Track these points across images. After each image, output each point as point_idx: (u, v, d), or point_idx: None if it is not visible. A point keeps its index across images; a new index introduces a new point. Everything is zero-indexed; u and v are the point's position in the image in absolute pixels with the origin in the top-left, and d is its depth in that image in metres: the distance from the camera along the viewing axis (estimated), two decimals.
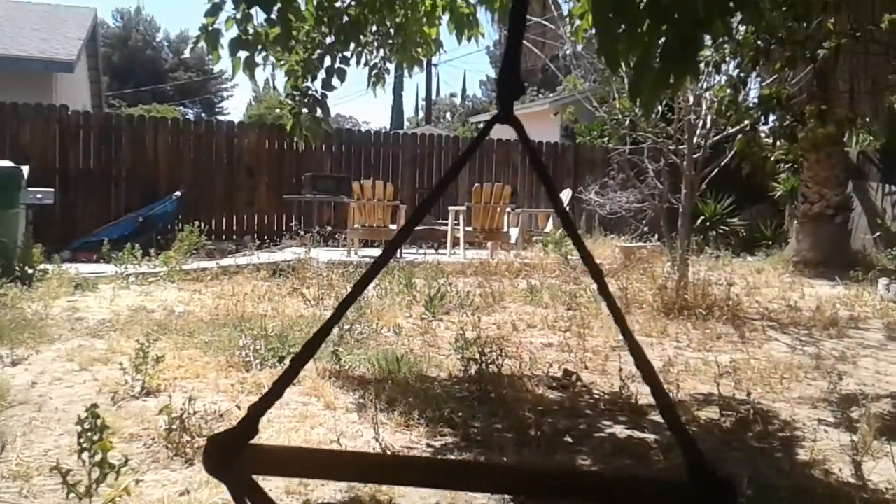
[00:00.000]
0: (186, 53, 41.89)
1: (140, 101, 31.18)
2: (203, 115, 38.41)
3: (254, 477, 0.73)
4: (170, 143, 12.32)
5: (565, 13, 8.35)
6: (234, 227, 12.66)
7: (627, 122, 9.26)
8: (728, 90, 6.63)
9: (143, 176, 11.99)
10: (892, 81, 9.78)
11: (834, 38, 4.74)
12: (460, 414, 3.83)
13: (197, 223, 10.08)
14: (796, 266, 11.16)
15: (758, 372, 5.01)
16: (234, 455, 0.71)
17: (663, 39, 2.30)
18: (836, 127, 9.64)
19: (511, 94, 0.77)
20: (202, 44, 4.02)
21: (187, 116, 30.08)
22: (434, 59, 33.70)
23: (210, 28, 3.99)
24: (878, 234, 12.75)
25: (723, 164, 8.30)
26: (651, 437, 3.76)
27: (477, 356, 4.54)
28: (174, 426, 3.25)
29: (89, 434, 2.19)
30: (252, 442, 0.73)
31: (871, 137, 13.30)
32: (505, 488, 0.79)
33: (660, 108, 9.04)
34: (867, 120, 12.52)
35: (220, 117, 35.81)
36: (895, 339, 6.44)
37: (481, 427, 3.72)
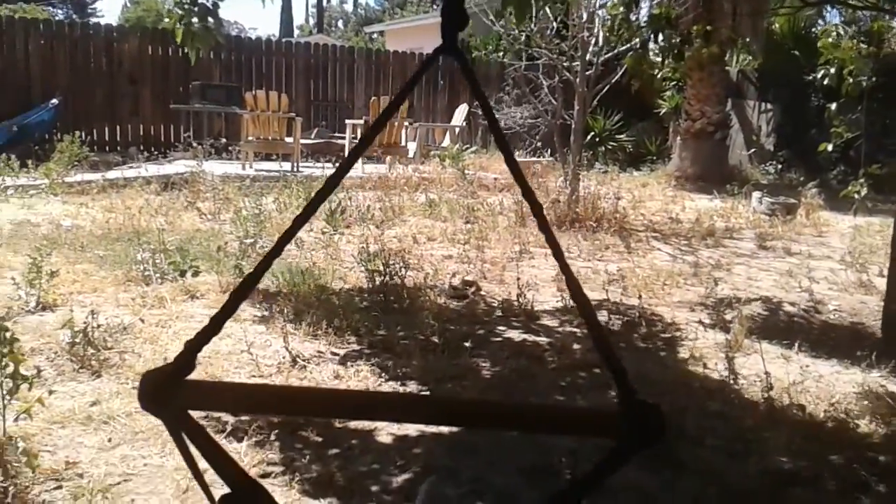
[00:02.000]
0: None
1: (5, 1, 28.54)
2: (74, 16, 35.56)
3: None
4: (43, 46, 11.43)
5: None
6: (119, 138, 12.05)
7: (523, 38, 9.32)
8: (621, 8, 6.77)
9: (14, 82, 11.13)
10: (770, 4, 10.22)
11: None
12: (366, 323, 3.94)
13: (77, 133, 9.54)
14: (678, 180, 11.75)
15: (642, 279, 5.36)
16: (171, 391, 0.70)
17: None
18: (720, 47, 10.04)
19: (455, 24, 0.76)
20: None
21: (57, 18, 27.83)
22: None
23: None
24: (753, 150, 13.54)
25: (613, 81, 8.53)
26: (545, 339, 4.01)
27: (381, 268, 4.65)
28: (77, 339, 3.21)
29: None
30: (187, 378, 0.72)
31: (750, 57, 13.94)
32: (442, 419, 0.81)
33: (554, 24, 9.14)
34: (747, 40, 13.10)
35: (94, 19, 33.26)
36: (765, 248, 6.99)
37: (386, 335, 3.86)
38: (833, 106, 5.68)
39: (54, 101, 10.65)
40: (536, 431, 0.73)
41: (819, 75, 5.48)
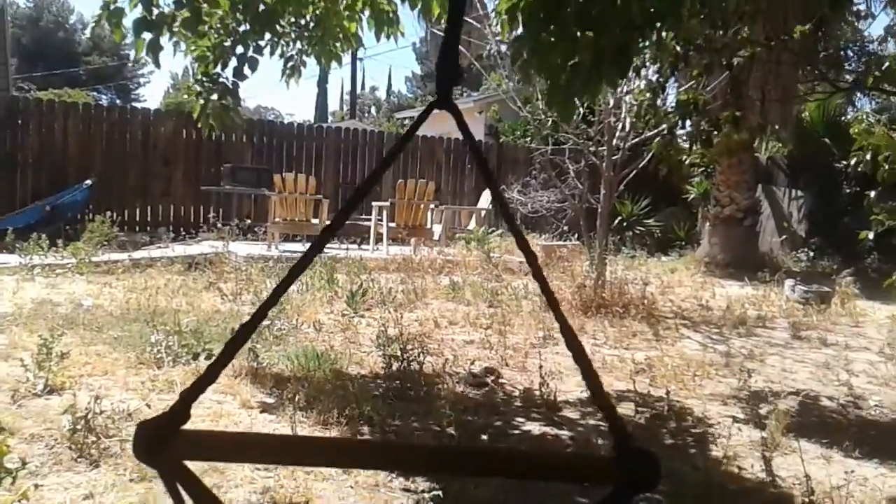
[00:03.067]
0: (86, 33, 40.07)
1: (51, 86, 29.72)
2: (118, 101, 37.00)
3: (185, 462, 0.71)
4: (81, 129, 11.78)
5: (490, 10, 8.40)
6: (149, 219, 12.22)
7: (550, 123, 9.38)
8: (647, 94, 6.79)
9: (51, 163, 11.43)
10: (799, 91, 10.23)
11: (749, 46, 4.89)
12: (380, 412, 3.78)
13: (109, 213, 9.67)
14: (707, 266, 11.55)
15: (671, 369, 5.15)
16: (165, 441, 0.69)
17: (592, 45, 2.35)
18: (749, 133, 10.00)
19: (449, 80, 0.77)
20: (104, 22, 3.84)
21: (100, 102, 28.91)
22: (359, 53, 33.41)
23: (112, 6, 3.81)
24: (784, 237, 13.33)
25: (640, 166, 8.50)
26: (566, 433, 3.81)
27: (398, 353, 4.51)
28: (79, 426, 3.09)
29: None
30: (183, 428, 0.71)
31: (780, 144, 13.90)
32: (435, 467, 0.78)
33: (581, 110, 9.20)
34: (776, 127, 13.10)
35: (136, 104, 34.50)
36: (800, 338, 6.73)
37: (400, 425, 3.68)
38: (872, 193, 5.53)
39: (88, 181, 10.88)
40: (531, 478, 0.72)
41: (853, 162, 5.35)
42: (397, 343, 4.70)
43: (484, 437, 3.55)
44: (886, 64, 5.21)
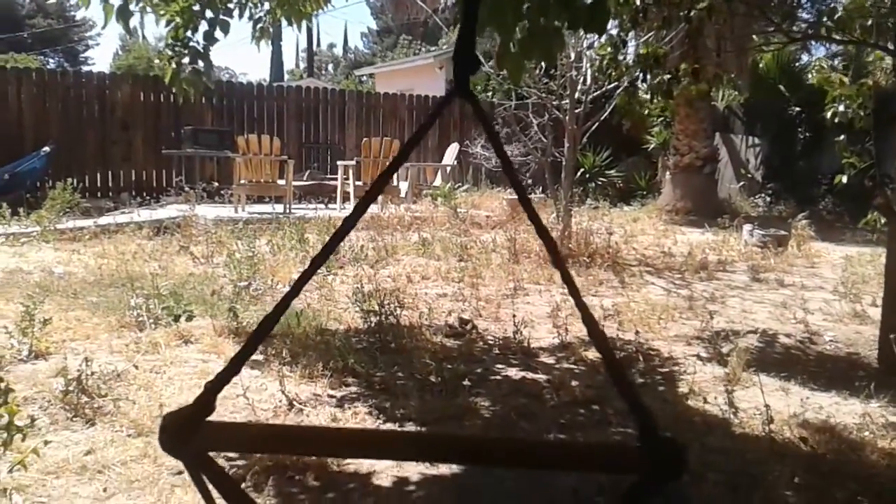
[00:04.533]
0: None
1: None
2: (66, 65, 35.89)
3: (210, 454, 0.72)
4: (35, 94, 11.50)
5: None
6: (111, 184, 12.06)
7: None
8: (609, 49, 6.88)
9: (6, 131, 11.16)
10: (754, 40, 10.41)
11: None
12: (362, 364, 3.92)
13: (69, 180, 9.54)
14: (668, 214, 11.83)
15: (637, 314, 5.36)
16: (191, 432, 0.69)
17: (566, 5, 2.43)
18: (707, 83, 10.18)
19: (467, 69, 0.78)
20: None
21: (49, 66, 28.05)
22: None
23: None
24: (742, 183, 13.66)
25: (602, 118, 8.63)
26: (543, 377, 3.99)
27: (376, 308, 4.63)
28: (71, 387, 3.17)
29: None
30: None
31: (736, 92, 14.14)
32: (457, 458, 0.81)
33: (543, 64, 9.27)
34: (732, 76, 13.30)
35: (86, 68, 33.56)
36: (758, 281, 7.01)
37: (384, 376, 3.83)
38: (842, 137, 5.73)
39: (46, 148, 10.68)
40: (554, 468, 0.71)
41: (829, 114, 5.51)
42: (373, 298, 4.82)
43: (465, 383, 3.71)
44: (839, 13, 5.38)
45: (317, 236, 7.39)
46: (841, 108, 5.41)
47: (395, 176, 10.89)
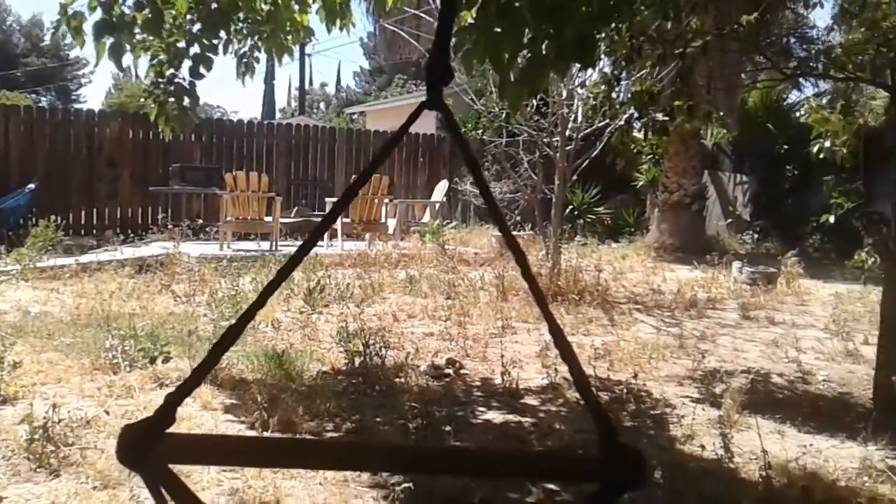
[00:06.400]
0: (46, 40, 38.80)
1: None
2: (58, 102, 35.87)
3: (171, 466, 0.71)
4: (23, 132, 11.43)
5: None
6: (95, 222, 11.93)
7: (503, 115, 9.44)
8: (603, 87, 6.87)
9: None
10: (743, 79, 10.48)
11: (700, 36, 4.99)
12: (344, 408, 3.78)
13: (53, 218, 9.41)
14: (657, 251, 11.79)
15: (628, 353, 5.25)
16: (150, 445, 0.68)
17: (553, 38, 2.39)
18: (698, 121, 10.21)
19: (440, 80, 0.77)
20: (63, 27, 3.73)
21: (40, 104, 28.02)
22: (307, 49, 33.03)
23: (71, 10, 3.71)
24: (730, 220, 13.66)
25: (593, 155, 8.63)
26: (529, 420, 3.86)
27: (360, 348, 4.51)
28: (36, 436, 3.02)
29: None
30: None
31: (725, 130, 14.23)
32: (423, 467, 0.80)
33: (534, 101, 9.28)
34: (721, 114, 13.39)
35: (78, 105, 33.55)
36: (749, 318, 6.92)
37: (365, 420, 3.69)
38: (830, 178, 5.73)
39: (31, 185, 10.57)
40: (516, 476, 0.73)
41: (815, 149, 5.50)
42: (358, 338, 4.70)
43: (448, 427, 3.58)
44: (836, 52, 5.38)
45: (302, 274, 7.27)
46: (826, 143, 5.39)
47: (383, 212, 10.87)
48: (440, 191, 12.51)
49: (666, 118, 5.58)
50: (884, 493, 3.05)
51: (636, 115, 6.16)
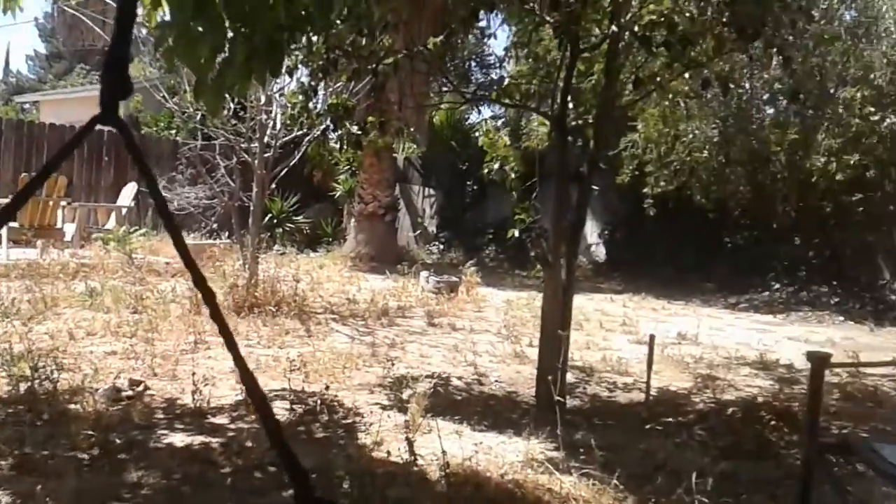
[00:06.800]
0: None
1: None
2: None
3: None
4: None
5: None
6: None
7: (198, 117, 9.07)
8: (300, 97, 6.93)
9: None
10: (432, 98, 11.27)
11: (392, 54, 5.28)
12: (5, 442, 3.37)
13: None
14: (353, 261, 12.18)
15: (323, 364, 5.36)
16: None
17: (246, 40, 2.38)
18: (391, 136, 10.74)
19: (115, 94, 0.71)
20: None
21: None
22: None
23: None
24: (418, 231, 14.60)
25: (291, 164, 8.65)
26: (219, 440, 3.77)
27: (27, 372, 4.05)
28: None
29: None
30: None
31: (415, 146, 15.15)
32: None
33: (232, 105, 9.05)
34: (412, 130, 14.21)
35: None
36: (434, 325, 7.46)
37: (32, 453, 3.33)
38: (514, 195, 6.36)
39: None
40: None
41: (486, 171, 6.10)
42: (25, 361, 4.21)
43: (124, 455, 3.36)
44: (506, 82, 6.01)
45: None
46: (496, 166, 6.03)
47: (59, 216, 9.81)
48: (128, 194, 11.64)
49: (359, 132, 5.80)
50: (543, 482, 3.48)
51: (332, 126, 6.31)
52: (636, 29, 4.46)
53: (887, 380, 5.82)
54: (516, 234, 6.79)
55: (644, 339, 5.33)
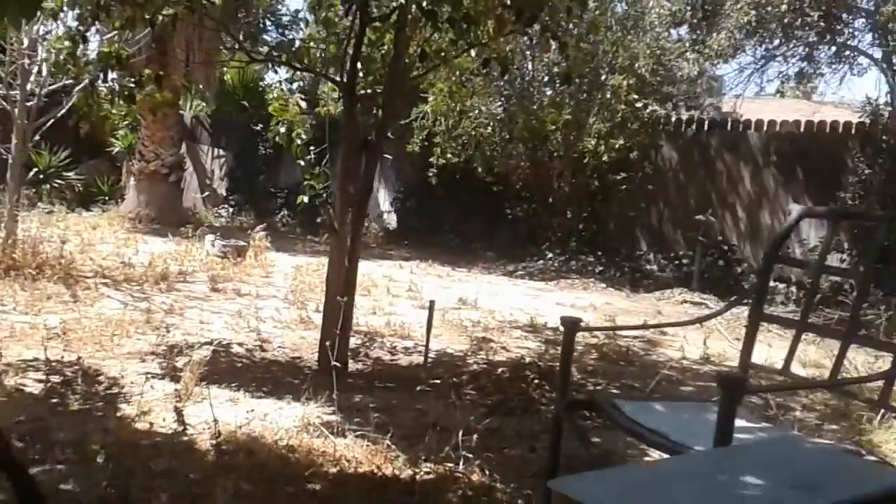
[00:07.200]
0: None
1: None
2: None
3: None
4: None
5: None
6: None
7: None
8: (67, 43, 6.33)
9: None
10: (222, 55, 10.77)
11: (173, 6, 4.96)
12: None
13: None
14: (132, 222, 11.45)
15: (89, 331, 5.03)
16: None
17: None
18: (172, 92, 10.13)
19: None
20: None
21: None
22: None
23: None
24: (206, 193, 13.98)
25: (59, 115, 7.95)
26: None
27: None
28: None
29: None
30: None
31: (204, 104, 14.43)
32: None
33: None
34: (200, 87, 13.54)
35: None
36: (217, 291, 7.21)
37: None
38: (308, 159, 6.21)
39: None
40: None
41: (270, 135, 5.94)
42: None
43: None
44: (297, 45, 5.86)
45: None
46: (282, 129, 5.92)
47: None
48: None
49: (133, 85, 5.43)
50: (318, 446, 3.50)
51: (101, 77, 5.85)
52: (423, 3, 4.55)
53: (638, 341, 6.48)
54: (306, 200, 6.72)
55: (427, 305, 5.51)
